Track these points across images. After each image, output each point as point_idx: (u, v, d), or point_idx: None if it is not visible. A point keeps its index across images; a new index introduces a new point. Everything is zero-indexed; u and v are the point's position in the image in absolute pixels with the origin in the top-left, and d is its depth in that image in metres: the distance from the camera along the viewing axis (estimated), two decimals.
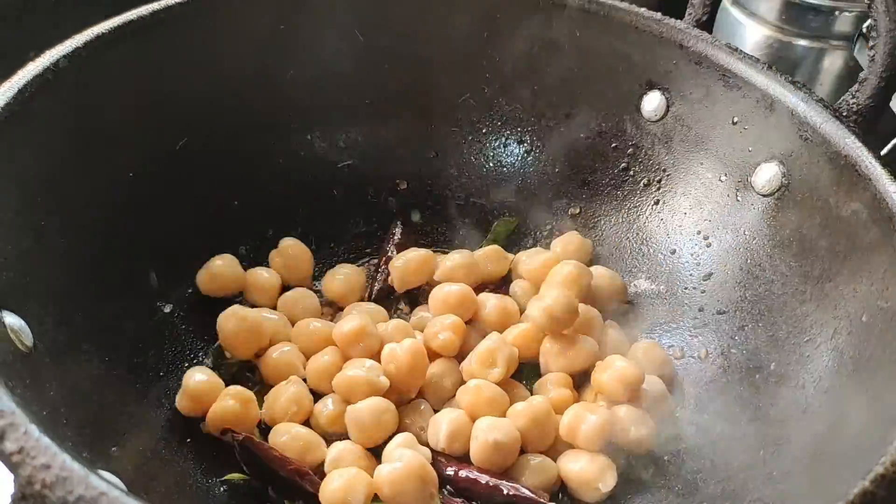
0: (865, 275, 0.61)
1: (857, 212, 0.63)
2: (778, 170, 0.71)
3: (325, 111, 0.83)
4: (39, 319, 0.56)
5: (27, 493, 0.39)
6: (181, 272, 0.73)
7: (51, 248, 0.61)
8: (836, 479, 0.48)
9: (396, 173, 0.86)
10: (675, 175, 0.79)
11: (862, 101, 0.68)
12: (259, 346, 0.70)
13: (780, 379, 0.64)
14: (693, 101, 0.77)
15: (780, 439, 0.60)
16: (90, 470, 0.39)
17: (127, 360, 0.65)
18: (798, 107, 0.69)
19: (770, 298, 0.69)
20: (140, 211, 0.70)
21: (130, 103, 0.70)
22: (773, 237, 0.71)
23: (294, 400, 0.65)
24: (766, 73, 0.72)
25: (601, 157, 0.83)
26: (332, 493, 0.58)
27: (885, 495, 0.43)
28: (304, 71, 0.80)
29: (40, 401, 0.50)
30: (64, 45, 0.65)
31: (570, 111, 0.84)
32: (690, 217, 0.78)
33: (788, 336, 0.66)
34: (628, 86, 0.80)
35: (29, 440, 0.40)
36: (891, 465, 0.44)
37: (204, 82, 0.75)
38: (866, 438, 0.50)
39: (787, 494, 0.54)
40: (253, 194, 0.79)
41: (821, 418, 0.58)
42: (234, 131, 0.78)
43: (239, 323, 0.68)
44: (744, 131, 0.74)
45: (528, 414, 0.64)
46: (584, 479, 0.62)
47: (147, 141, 0.71)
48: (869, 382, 0.55)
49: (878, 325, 0.57)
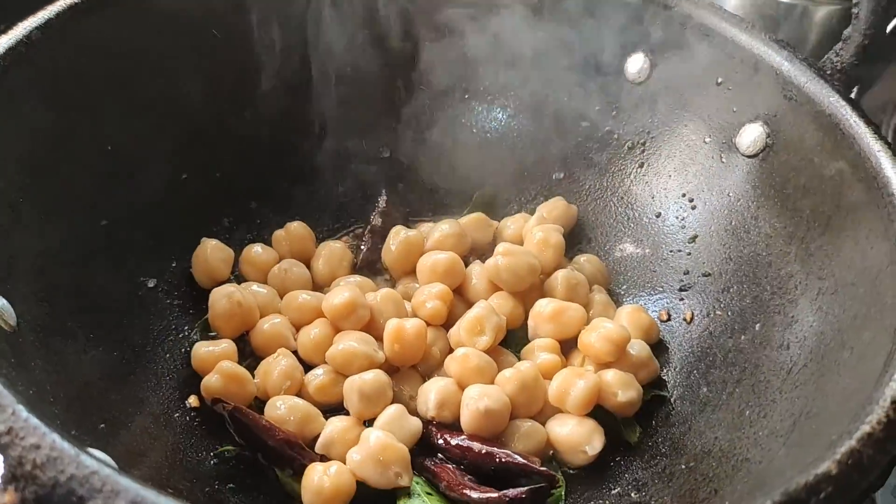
0: (850, 234, 0.61)
1: (841, 171, 0.63)
2: (762, 130, 0.71)
3: (306, 79, 0.81)
4: (22, 297, 0.56)
5: (17, 474, 0.39)
6: (164, 246, 0.73)
7: (29, 224, 0.61)
8: (822, 439, 0.48)
9: (379, 141, 0.85)
10: (659, 137, 0.79)
11: (846, 60, 0.68)
12: (246, 327, 0.69)
13: (764, 340, 0.65)
14: (677, 62, 0.76)
15: (765, 400, 0.60)
16: (80, 449, 0.39)
17: (112, 336, 0.64)
18: (783, 66, 0.69)
19: (755, 259, 0.69)
20: (119, 184, 0.69)
21: (104, 74, 0.68)
22: (757, 198, 0.71)
23: (287, 374, 0.65)
24: (751, 33, 0.72)
25: (585, 121, 0.83)
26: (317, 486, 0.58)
27: (871, 454, 0.43)
28: (284, 38, 0.79)
29: (26, 380, 0.50)
30: (36, 17, 0.64)
31: (554, 75, 0.83)
32: (675, 179, 0.78)
33: (773, 297, 0.66)
34: (612, 48, 0.79)
35: (17, 420, 0.40)
36: (877, 424, 0.44)
37: (182, 49, 0.74)
38: (852, 398, 0.50)
39: (773, 454, 0.54)
40: (235, 165, 0.78)
41: (806, 378, 0.58)
42: (213, 99, 0.77)
43: (231, 306, 0.68)
44: (728, 92, 0.74)
45: (517, 380, 0.64)
46: (572, 442, 0.62)
47: (123, 113, 0.70)
48: (854, 342, 0.55)
49: (863, 285, 0.58)
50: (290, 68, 0.80)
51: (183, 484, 0.56)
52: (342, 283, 0.73)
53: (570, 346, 0.71)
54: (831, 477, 0.42)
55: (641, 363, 0.68)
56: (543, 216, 0.80)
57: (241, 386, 0.64)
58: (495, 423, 0.63)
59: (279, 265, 0.75)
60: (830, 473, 0.42)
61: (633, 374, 0.67)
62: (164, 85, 0.73)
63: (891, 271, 0.55)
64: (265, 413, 0.63)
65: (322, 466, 0.58)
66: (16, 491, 0.40)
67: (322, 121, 0.83)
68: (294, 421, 0.63)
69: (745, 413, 0.61)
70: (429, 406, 0.64)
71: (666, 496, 0.59)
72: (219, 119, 0.77)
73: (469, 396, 0.63)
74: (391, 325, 0.66)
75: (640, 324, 0.72)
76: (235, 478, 0.60)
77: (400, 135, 0.86)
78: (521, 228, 0.79)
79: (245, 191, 0.79)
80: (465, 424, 0.63)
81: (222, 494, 0.58)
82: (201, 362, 0.66)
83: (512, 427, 0.64)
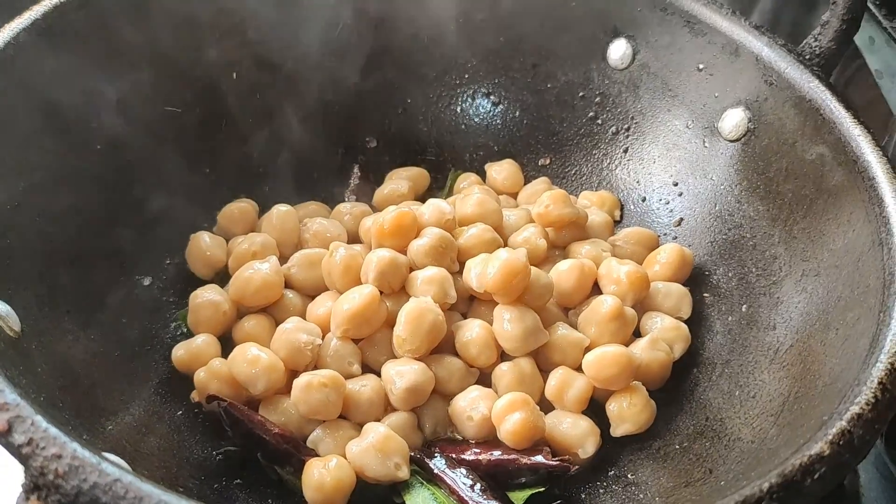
0: (832, 217, 0.63)
1: (822, 155, 0.65)
2: (744, 115, 0.72)
3: (296, 71, 0.82)
4: (23, 302, 0.56)
5: (40, 483, 0.40)
6: (157, 244, 0.73)
7: (26, 228, 0.61)
8: (812, 419, 0.50)
9: (366, 129, 0.86)
10: (642, 123, 0.80)
11: (824, 44, 0.70)
12: (226, 328, 0.69)
13: (751, 321, 0.67)
14: (659, 48, 0.78)
15: (754, 380, 0.63)
16: (100, 457, 0.40)
17: (111, 336, 0.64)
18: (763, 52, 0.71)
19: (740, 242, 0.71)
20: (111, 184, 0.70)
21: (93, 74, 0.68)
22: (741, 182, 0.73)
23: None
24: (731, 19, 0.73)
25: (569, 107, 0.84)
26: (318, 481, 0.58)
27: (861, 433, 0.45)
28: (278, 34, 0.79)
29: (36, 386, 0.50)
30: (22, 18, 0.63)
31: (537, 62, 0.84)
32: (659, 164, 0.79)
33: (759, 279, 0.68)
34: (594, 34, 0.81)
35: (37, 431, 0.40)
36: (866, 405, 0.46)
37: (166, 43, 0.74)
38: (839, 378, 0.52)
39: (765, 434, 0.56)
40: (225, 160, 0.79)
41: (793, 359, 0.60)
42: (201, 96, 0.77)
43: (212, 310, 0.68)
44: (710, 77, 0.75)
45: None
46: (567, 443, 0.63)
47: (113, 112, 0.70)
48: (839, 322, 0.57)
49: (846, 266, 0.60)
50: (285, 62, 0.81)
51: (192, 482, 0.57)
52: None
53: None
54: (824, 457, 0.44)
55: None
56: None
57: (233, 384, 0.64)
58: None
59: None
60: (823, 454, 0.44)
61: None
62: (154, 83, 0.73)
63: (872, 254, 0.57)
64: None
65: (321, 461, 0.59)
66: (38, 500, 0.41)
67: (311, 110, 0.83)
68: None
69: (735, 393, 0.63)
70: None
71: (662, 477, 0.61)
72: (207, 116, 0.78)
73: None
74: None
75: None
76: (242, 473, 0.61)
77: (387, 122, 0.86)
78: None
79: (234, 186, 0.79)
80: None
81: (230, 491, 0.59)
82: (182, 363, 0.66)
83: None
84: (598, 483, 0.63)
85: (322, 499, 0.58)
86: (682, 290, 0.71)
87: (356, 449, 0.59)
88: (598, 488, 0.62)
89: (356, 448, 0.59)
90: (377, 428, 0.60)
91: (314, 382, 0.60)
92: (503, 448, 0.61)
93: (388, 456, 0.59)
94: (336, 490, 0.58)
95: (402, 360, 0.64)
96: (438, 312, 0.64)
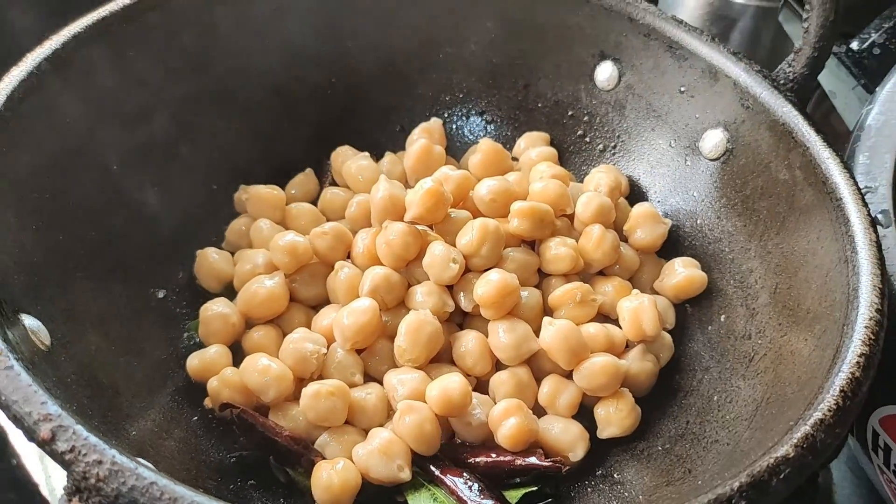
0: (802, 234, 0.67)
1: (794, 176, 0.69)
2: (723, 136, 0.77)
3: (289, 93, 0.86)
4: (50, 316, 0.60)
5: (82, 487, 0.44)
6: (171, 257, 0.77)
7: (49, 244, 0.65)
8: (781, 423, 0.54)
9: (367, 147, 0.89)
10: (628, 141, 0.85)
11: (797, 70, 0.74)
12: (235, 338, 0.73)
13: (729, 330, 0.71)
14: (643, 71, 0.82)
15: (731, 386, 0.67)
16: (137, 462, 0.44)
17: (130, 346, 0.68)
18: (740, 77, 0.75)
19: (719, 255, 0.76)
20: (127, 201, 0.74)
21: (111, 98, 0.72)
22: (720, 198, 0.77)
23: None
24: (710, 45, 0.77)
25: (559, 126, 0.88)
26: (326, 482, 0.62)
27: (823, 437, 0.50)
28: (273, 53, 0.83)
29: (67, 396, 0.54)
30: (43, 48, 0.67)
31: (528, 83, 0.88)
32: (644, 180, 0.84)
33: (736, 290, 0.73)
34: (582, 57, 0.85)
35: (79, 439, 0.44)
36: (828, 412, 0.51)
37: (187, 69, 0.79)
38: (806, 386, 0.57)
39: (739, 436, 0.61)
40: (233, 178, 0.83)
41: (766, 367, 0.65)
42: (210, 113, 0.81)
43: (221, 322, 0.72)
44: (691, 100, 0.79)
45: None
46: (558, 447, 0.66)
47: (128, 132, 0.74)
48: (808, 333, 0.62)
49: (815, 281, 0.64)
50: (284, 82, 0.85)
51: (210, 483, 0.61)
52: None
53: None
54: (789, 459, 0.48)
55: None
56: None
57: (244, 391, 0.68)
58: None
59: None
60: (788, 456, 0.49)
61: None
62: (169, 105, 0.78)
63: (839, 270, 0.61)
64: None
65: (329, 463, 0.63)
66: (80, 502, 0.45)
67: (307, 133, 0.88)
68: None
69: (713, 398, 0.68)
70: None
71: (645, 476, 0.65)
72: (217, 142, 0.82)
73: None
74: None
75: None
76: (256, 474, 0.65)
77: (382, 140, 0.90)
78: None
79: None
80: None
81: (245, 491, 0.63)
82: (196, 372, 0.70)
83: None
84: (587, 482, 0.67)
85: (330, 499, 0.62)
86: (665, 302, 0.76)
87: (362, 452, 0.63)
88: (587, 487, 0.66)
89: (362, 451, 0.63)
90: (381, 433, 0.64)
91: (322, 391, 0.64)
92: (499, 450, 0.65)
93: (392, 459, 0.63)
94: (343, 491, 0.62)
95: (403, 368, 0.68)
96: (436, 324, 0.68)
